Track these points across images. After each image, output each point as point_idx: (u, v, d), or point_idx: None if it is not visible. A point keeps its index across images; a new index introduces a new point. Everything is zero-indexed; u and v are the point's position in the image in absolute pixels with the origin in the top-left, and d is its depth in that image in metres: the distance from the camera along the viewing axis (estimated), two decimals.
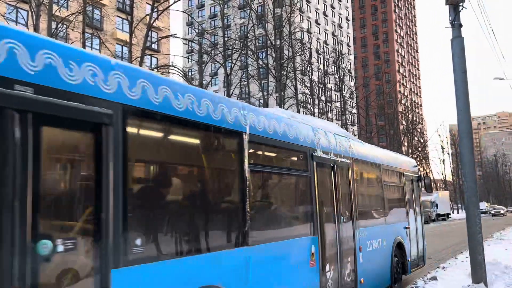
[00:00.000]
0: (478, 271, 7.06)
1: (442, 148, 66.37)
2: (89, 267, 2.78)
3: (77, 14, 21.07)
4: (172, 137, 3.87)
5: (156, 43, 42.41)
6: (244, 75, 33.98)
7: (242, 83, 35.35)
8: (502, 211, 59.93)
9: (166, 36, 27.63)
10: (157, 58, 42.98)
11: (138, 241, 3.16)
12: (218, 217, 4.21)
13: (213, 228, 4.06)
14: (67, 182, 2.92)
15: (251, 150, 4.58)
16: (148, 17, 22.66)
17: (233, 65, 30.45)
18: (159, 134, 3.72)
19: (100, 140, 2.90)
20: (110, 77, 3.09)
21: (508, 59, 26.28)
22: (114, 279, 2.83)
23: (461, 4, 7.50)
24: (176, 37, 23.44)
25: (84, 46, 21.37)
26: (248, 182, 4.41)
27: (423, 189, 10.66)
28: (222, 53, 30.81)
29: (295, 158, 5.74)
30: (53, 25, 20.32)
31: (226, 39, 31.88)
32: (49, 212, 2.70)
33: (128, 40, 21.70)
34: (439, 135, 65.37)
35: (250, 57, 33.51)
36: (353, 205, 6.72)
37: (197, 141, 4.15)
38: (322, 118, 43.36)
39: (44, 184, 2.61)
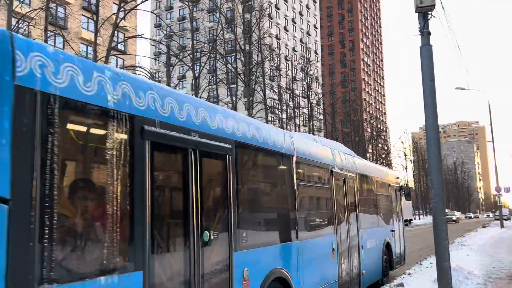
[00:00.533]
0: (444, 277, 7.10)
1: (405, 155, 68.02)
2: (224, 250, 4.35)
3: (39, 10, 20.29)
4: (257, 160, 5.45)
5: (123, 43, 41.54)
6: (212, 78, 33.72)
7: (210, 86, 35.07)
8: (454, 218, 60.56)
9: (133, 37, 27.02)
10: (123, 59, 42.09)
11: (244, 235, 4.75)
12: (284, 220, 5.85)
13: (281, 228, 5.73)
14: (212, 195, 4.51)
15: (297, 169, 6.14)
16: (114, 16, 22.07)
17: (201, 68, 30.14)
18: (250, 158, 5.30)
19: (226, 165, 4.51)
20: (229, 122, 4.69)
21: (471, 70, 27.21)
22: (235, 258, 4.44)
23: (430, 12, 7.58)
24: (143, 37, 22.92)
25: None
26: (296, 194, 5.99)
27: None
28: (191, 56, 30.45)
29: (321, 174, 7.22)
30: (13, 22, 19.47)
31: (194, 42, 31.52)
32: (207, 215, 4.18)
33: (93, 39, 21.04)
34: (402, 143, 67.00)
35: (219, 60, 33.30)
36: (357, 210, 8.37)
37: (268, 163, 5.73)
38: (290, 124, 43.62)
39: (204, 196, 4.13)
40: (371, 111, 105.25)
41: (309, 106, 45.34)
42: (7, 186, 2.42)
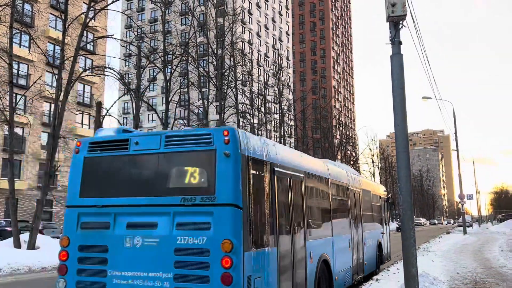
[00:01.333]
0: (412, 283, 7.19)
1: (373, 162, 69.32)
2: (303, 239, 6.81)
3: (4, 7, 19.58)
4: (313, 182, 7.83)
5: (92, 43, 40.63)
6: (184, 82, 33.38)
7: (182, 89, 34.73)
8: (421, 221, 62.06)
9: (103, 37, 26.45)
10: (92, 60, 41.18)
11: (309, 231, 7.10)
12: (326, 221, 8.30)
13: (325, 227, 8.20)
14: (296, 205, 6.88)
15: (331, 187, 8.73)
16: (83, 15, 21.54)
17: (173, 71, 29.80)
18: (310, 182, 7.62)
19: (301, 186, 7.05)
20: (303, 160, 7.64)
21: (438, 80, 27.94)
22: (307, 244, 6.87)
23: (401, 22, 7.72)
24: (113, 38, 22.46)
25: (11, 42, 19.85)
26: (331, 205, 8.64)
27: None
28: (162, 58, 30.07)
29: (342, 190, 9.70)
30: None
31: (166, 44, 31.16)
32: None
33: (61, 38, 20.45)
34: (370, 150, 68.30)
35: (191, 64, 33.04)
36: (361, 217, 10.87)
37: (317, 184, 8.15)
38: (261, 129, 43.70)
39: (294, 205, 6.73)
40: (340, 118, 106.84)
41: (280, 112, 45.58)
42: (240, 201, 4.97)
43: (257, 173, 5.51)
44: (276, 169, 6.04)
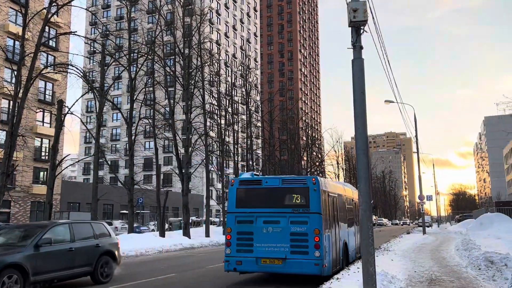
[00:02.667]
0: (370, 282, 7.39)
1: (338, 163, 70.55)
2: (338, 229, 12.07)
3: None
4: (340, 198, 12.95)
5: (54, 40, 39.47)
6: (150, 81, 32.94)
7: (147, 88, 34.24)
8: (383, 222, 63.49)
9: (65, 33, 25.73)
10: (54, 56, 40.00)
11: (339, 225, 12.15)
12: (346, 220, 13.21)
13: (345, 223, 13.15)
14: (352, 213, 14.47)
15: (346, 201, 13.79)
16: (45, 11, 20.91)
17: (138, 69, 29.35)
18: (340, 198, 12.79)
19: (337, 201, 12.30)
20: (338, 185, 13.96)
21: (399, 84, 28.78)
22: (340, 232, 12.27)
23: (362, 27, 7.93)
24: (76, 34, 21.87)
25: None
26: (347, 211, 13.59)
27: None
28: (127, 56, 29.57)
29: (352, 202, 14.63)
30: None
31: (132, 42, 30.65)
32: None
33: (21, 33, 19.77)
34: (335, 151, 69.49)
35: (157, 63, 32.64)
36: (357, 217, 14.10)
37: (342, 199, 13.22)
38: (228, 130, 43.66)
39: (349, 214, 14.09)
40: (307, 120, 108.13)
41: (247, 113, 45.70)
42: (321, 211, 10.27)
43: (324, 196, 10.78)
44: (329, 194, 11.45)
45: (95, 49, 45.29)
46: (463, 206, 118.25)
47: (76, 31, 22.02)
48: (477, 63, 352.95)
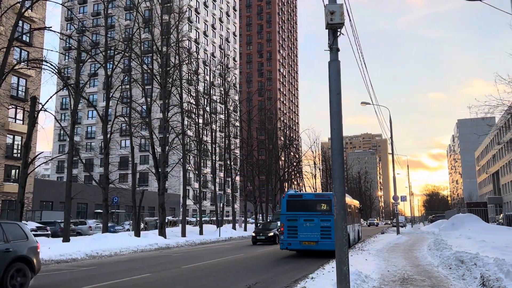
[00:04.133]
0: (343, 281, 7.48)
1: (315, 164, 71.09)
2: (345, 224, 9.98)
3: None
4: (348, 206, 19.20)
5: (28, 35, 38.53)
6: (126, 78, 32.48)
7: (124, 86, 33.77)
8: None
9: (40, 28, 25.15)
10: (28, 52, 39.03)
11: (345, 222, 9.18)
12: (350, 220, 20.44)
13: (349, 221, 17.80)
14: (350, 215, 20.79)
15: (350, 207, 21.11)
16: (19, 5, 20.39)
17: (114, 67, 28.92)
18: (348, 206, 18.77)
19: (346, 208, 8.90)
20: (348, 198, 21.26)
21: (375, 86, 29.21)
22: (347, 227, 10.48)
23: (339, 29, 8.02)
24: (51, 30, 21.39)
25: None
26: (349, 212, 19.19)
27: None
28: (103, 53, 29.10)
29: (350, 207, 20.81)
30: None
31: (108, 39, 30.18)
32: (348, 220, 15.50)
33: None
34: (312, 152, 70.02)
35: (134, 60, 32.23)
36: (354, 217, 23.74)
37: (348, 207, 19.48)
38: (206, 129, 43.49)
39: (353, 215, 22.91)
40: (285, 121, 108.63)
41: (226, 112, 45.59)
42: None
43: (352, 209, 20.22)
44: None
45: (70, 45, 44.44)
46: (436, 206, 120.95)
47: (51, 27, 21.56)
48: (448, 67, 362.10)
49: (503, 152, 69.56)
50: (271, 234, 27.03)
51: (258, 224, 43.42)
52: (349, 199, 21.23)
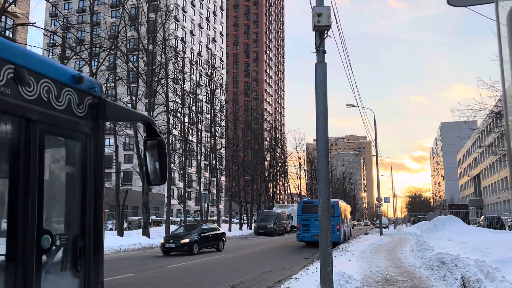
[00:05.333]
0: (327, 281, 7.54)
1: (300, 164, 71.41)
2: (343, 224, 27.47)
3: None
4: (343, 210, 29.79)
5: (11, 30, 37.86)
6: (111, 76, 32.17)
7: (109, 84, 33.44)
8: None
9: (23, 24, 24.78)
10: None
11: (344, 222, 28.52)
12: (345, 219, 29.28)
13: (345, 221, 29.91)
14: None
15: (346, 211, 30.44)
16: (2, 0, 20.05)
17: (100, 64, 28.62)
18: (343, 209, 29.21)
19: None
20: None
21: (363, 88, 29.48)
22: (343, 226, 27.06)
23: (326, 32, 8.09)
24: (35, 26, 21.08)
25: None
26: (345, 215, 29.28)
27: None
28: (88, 50, 28.78)
29: (347, 210, 31.04)
30: None
31: (94, 36, 29.85)
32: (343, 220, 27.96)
33: None
34: (298, 152, 70.32)
35: (120, 58, 31.95)
36: (346, 217, 29.24)
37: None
38: (192, 129, 43.28)
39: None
40: (271, 121, 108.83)
41: (212, 112, 45.49)
42: (339, 215, 25.20)
43: (340, 209, 24.94)
44: (340, 207, 25.02)
45: (54, 42, 43.85)
46: (419, 208, 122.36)
47: (35, 22, 21.27)
48: (429, 70, 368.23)
49: (485, 155, 70.85)
50: (186, 240, 19.53)
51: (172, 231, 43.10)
52: (344, 204, 28.84)
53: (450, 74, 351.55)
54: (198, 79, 45.85)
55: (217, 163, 48.52)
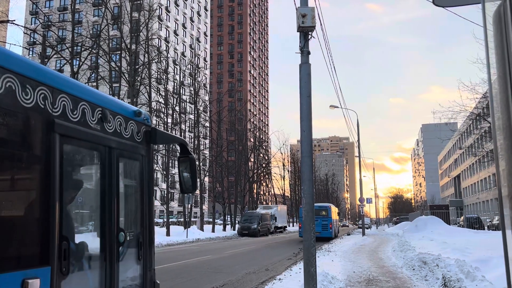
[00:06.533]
0: (310, 282, 7.54)
1: (284, 165, 71.57)
2: (335, 223, 38.55)
3: None
4: (333, 211, 37.69)
5: None
6: (93, 75, 31.74)
7: (90, 83, 32.96)
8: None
9: (2, 21, 24.23)
10: None
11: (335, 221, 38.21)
12: (334, 220, 37.37)
13: (335, 221, 38.00)
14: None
15: (332, 211, 35.06)
16: None
17: (81, 63, 28.19)
18: (333, 211, 37.96)
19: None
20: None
21: (344, 90, 29.74)
22: (335, 223, 37.26)
23: (310, 33, 8.09)
24: (14, 23, 20.62)
25: None
26: (334, 216, 35.87)
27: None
28: (70, 49, 28.33)
29: (335, 212, 37.58)
30: None
31: (75, 35, 29.41)
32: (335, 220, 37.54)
33: None
34: (282, 153, 70.49)
35: (102, 57, 31.54)
36: (336, 219, 36.37)
37: None
38: (175, 129, 42.98)
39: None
40: (255, 122, 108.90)
41: (195, 112, 45.24)
42: (331, 216, 32.45)
43: (332, 211, 32.23)
44: (332, 210, 32.19)
45: (35, 40, 43.09)
46: (400, 209, 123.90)
47: (14, 20, 20.80)
48: (407, 73, 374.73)
49: (465, 156, 72.12)
50: None
51: None
52: (334, 207, 35.45)
53: (428, 77, 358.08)
54: (181, 79, 45.50)
55: (201, 163, 48.29)
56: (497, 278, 8.30)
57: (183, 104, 45.65)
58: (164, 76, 41.54)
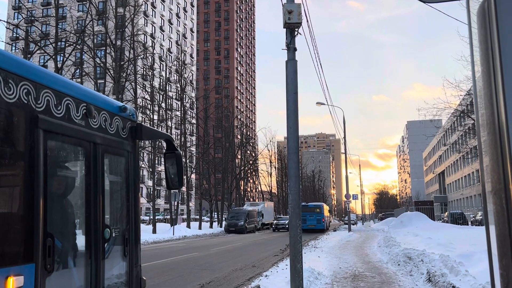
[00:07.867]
0: (296, 278, 7.56)
1: (271, 162, 71.70)
2: (326, 218, 47.56)
3: None
4: (325, 208, 46.17)
5: None
6: (78, 71, 31.33)
7: (75, 79, 32.52)
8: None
9: None
10: None
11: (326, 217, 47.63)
12: (326, 217, 47.10)
13: (327, 217, 49.83)
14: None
15: (324, 209, 43.33)
16: None
17: (65, 59, 27.79)
18: (325, 208, 47.00)
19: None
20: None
21: (330, 87, 29.81)
22: (326, 218, 44.27)
23: (296, 29, 8.08)
24: None
25: None
26: (325, 213, 45.08)
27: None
28: (54, 45, 27.91)
29: (327, 209, 47.56)
30: None
31: (59, 30, 28.97)
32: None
33: None
34: (268, 150, 70.61)
35: (86, 53, 31.13)
36: (327, 216, 46.13)
37: None
38: (161, 126, 42.73)
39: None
40: (242, 119, 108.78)
41: (182, 109, 45.00)
42: (323, 213, 41.27)
43: (324, 209, 40.55)
44: (324, 208, 40.34)
45: (18, 35, 42.31)
46: (386, 205, 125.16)
47: None
48: (389, 70, 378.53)
49: (449, 153, 73.11)
50: None
51: None
52: (326, 205, 42.30)
53: (411, 74, 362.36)
54: (167, 76, 45.19)
55: (187, 160, 48.08)
56: (480, 272, 8.43)
57: (169, 101, 45.38)
58: (150, 73, 41.19)
